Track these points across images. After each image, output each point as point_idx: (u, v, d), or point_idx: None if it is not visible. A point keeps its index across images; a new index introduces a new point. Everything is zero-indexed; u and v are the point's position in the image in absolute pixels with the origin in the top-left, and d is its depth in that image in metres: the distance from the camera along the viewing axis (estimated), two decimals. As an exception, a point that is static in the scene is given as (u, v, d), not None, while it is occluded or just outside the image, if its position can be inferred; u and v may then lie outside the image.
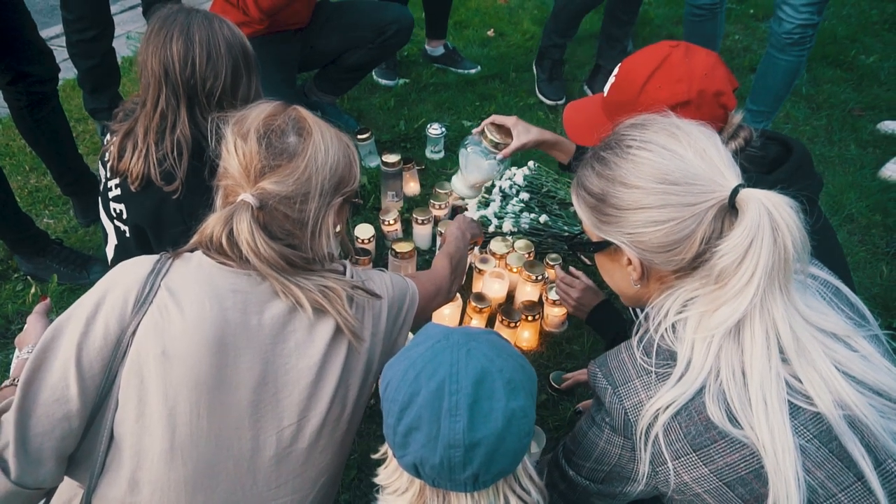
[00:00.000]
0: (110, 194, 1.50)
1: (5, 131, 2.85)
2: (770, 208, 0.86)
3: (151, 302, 0.98)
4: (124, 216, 1.49)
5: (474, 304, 1.99)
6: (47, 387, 0.94)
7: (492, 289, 2.13)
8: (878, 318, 1.02)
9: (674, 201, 0.91)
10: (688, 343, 0.91)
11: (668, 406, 0.89)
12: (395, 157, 2.42)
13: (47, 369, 0.95)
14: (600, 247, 1.04)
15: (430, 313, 1.50)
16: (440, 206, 2.43)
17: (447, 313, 2.04)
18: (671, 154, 0.93)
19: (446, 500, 0.89)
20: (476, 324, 2.03)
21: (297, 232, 1.06)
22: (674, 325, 0.95)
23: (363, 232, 2.23)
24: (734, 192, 0.89)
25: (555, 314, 2.09)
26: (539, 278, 2.07)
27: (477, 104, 3.22)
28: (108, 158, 1.47)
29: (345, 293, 1.06)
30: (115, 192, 1.48)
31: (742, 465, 0.87)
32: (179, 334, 0.96)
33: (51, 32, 3.52)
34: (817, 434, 0.87)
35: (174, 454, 0.96)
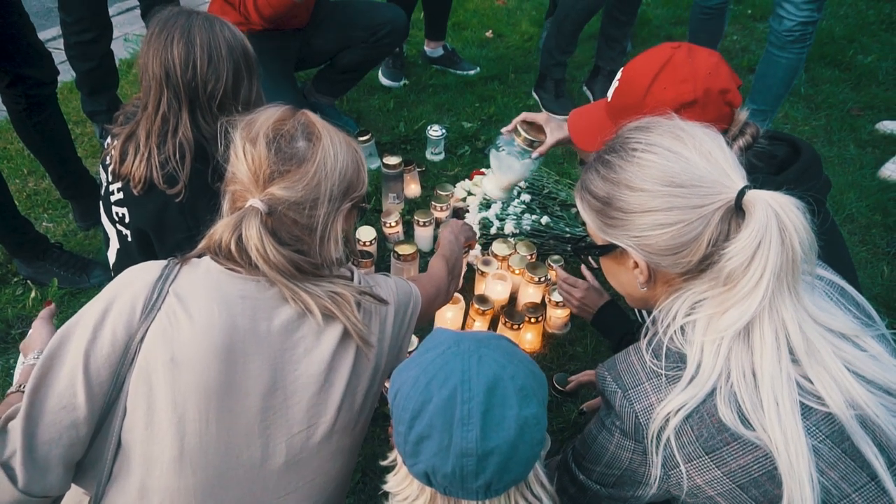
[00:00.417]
0: (112, 198, 1.49)
1: (3, 134, 2.83)
2: (777, 209, 0.86)
3: (160, 308, 0.97)
4: (127, 220, 1.48)
5: (477, 306, 1.98)
6: (54, 394, 0.93)
7: (494, 291, 2.12)
8: (882, 318, 1.02)
9: (680, 204, 0.91)
10: (697, 345, 0.91)
11: (680, 409, 0.89)
12: (397, 159, 2.42)
13: (54, 376, 0.94)
14: (606, 250, 1.04)
15: (431, 316, 1.50)
16: (441, 207, 2.42)
17: (450, 316, 2.03)
18: (676, 156, 0.93)
19: None
20: (479, 326, 2.02)
21: (306, 238, 1.05)
22: (682, 328, 0.94)
23: (365, 234, 2.22)
24: (740, 194, 0.89)
25: (557, 316, 2.09)
26: (541, 280, 2.07)
27: (476, 105, 3.22)
28: (110, 162, 1.46)
29: (353, 299, 1.06)
30: (118, 196, 1.47)
31: (755, 466, 0.87)
32: (188, 341, 0.95)
33: (47, 35, 3.50)
34: (830, 434, 0.87)
35: (183, 462, 0.96)
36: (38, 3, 3.98)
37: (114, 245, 1.57)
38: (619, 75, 1.37)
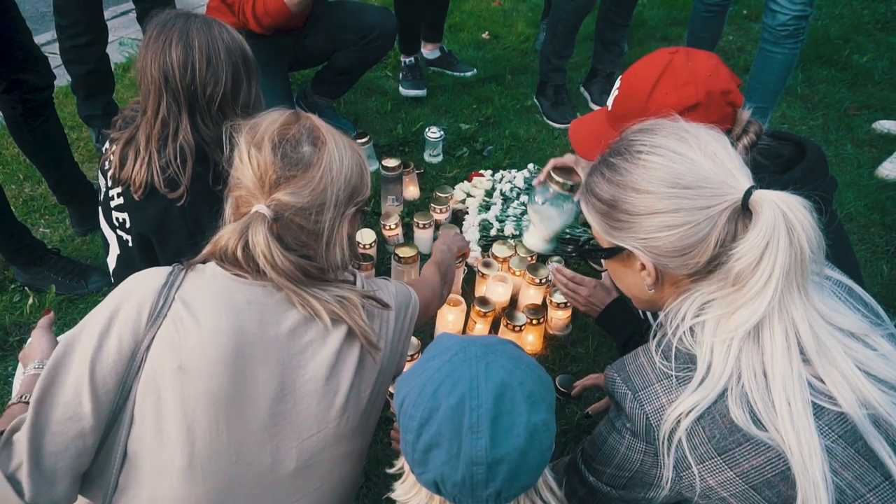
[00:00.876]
0: (112, 203, 1.47)
1: (-1, 140, 2.82)
2: (784, 209, 0.86)
3: (166, 315, 0.96)
4: (127, 225, 1.47)
5: (478, 308, 1.98)
6: (60, 404, 0.92)
7: (495, 293, 2.12)
8: (891, 317, 1.02)
9: (687, 205, 0.91)
10: (707, 346, 0.91)
11: (691, 410, 0.89)
12: (395, 162, 2.41)
13: (60, 386, 0.92)
14: (612, 253, 1.03)
15: (427, 319, 1.51)
16: (441, 209, 2.42)
17: (451, 318, 2.02)
18: (682, 158, 0.93)
19: None
20: (480, 328, 2.02)
21: (312, 243, 1.04)
22: (691, 329, 0.94)
23: (364, 237, 2.21)
24: (747, 194, 0.89)
25: (559, 317, 2.08)
26: (542, 281, 2.06)
27: (474, 107, 3.21)
28: (109, 167, 1.44)
29: (360, 302, 1.05)
30: (118, 202, 1.46)
31: (768, 467, 0.87)
32: (196, 347, 0.94)
33: (41, 39, 3.48)
34: (842, 434, 0.87)
35: (194, 470, 0.94)
36: (32, 7, 3.96)
37: (114, 251, 1.56)
38: (617, 83, 1.37)
